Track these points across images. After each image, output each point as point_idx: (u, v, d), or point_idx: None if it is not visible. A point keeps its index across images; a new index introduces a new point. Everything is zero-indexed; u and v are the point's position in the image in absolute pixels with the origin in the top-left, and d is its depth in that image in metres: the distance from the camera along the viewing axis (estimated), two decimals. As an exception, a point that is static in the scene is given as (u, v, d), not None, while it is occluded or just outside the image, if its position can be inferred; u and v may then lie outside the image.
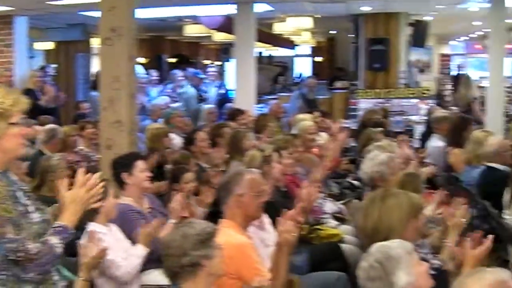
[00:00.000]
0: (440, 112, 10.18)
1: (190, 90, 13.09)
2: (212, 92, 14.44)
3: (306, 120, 9.20)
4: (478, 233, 3.86)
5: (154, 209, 5.61)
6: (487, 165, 7.03)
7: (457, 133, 8.56)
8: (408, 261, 3.11)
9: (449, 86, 25.18)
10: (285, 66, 24.56)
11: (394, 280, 3.06)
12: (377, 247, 3.20)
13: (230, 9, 12.37)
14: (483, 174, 7.05)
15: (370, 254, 3.18)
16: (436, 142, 9.20)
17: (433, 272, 3.92)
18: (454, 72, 24.69)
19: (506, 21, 17.17)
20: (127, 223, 5.01)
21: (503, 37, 12.10)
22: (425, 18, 16.55)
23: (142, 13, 11.87)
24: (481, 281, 2.58)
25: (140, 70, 13.07)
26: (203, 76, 15.35)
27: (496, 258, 6.31)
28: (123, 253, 4.67)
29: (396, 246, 3.18)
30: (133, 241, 4.85)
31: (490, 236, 3.92)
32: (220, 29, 15.40)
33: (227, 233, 4.18)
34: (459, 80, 21.09)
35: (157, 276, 4.76)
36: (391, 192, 4.20)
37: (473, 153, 7.57)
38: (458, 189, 7.89)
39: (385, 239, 3.60)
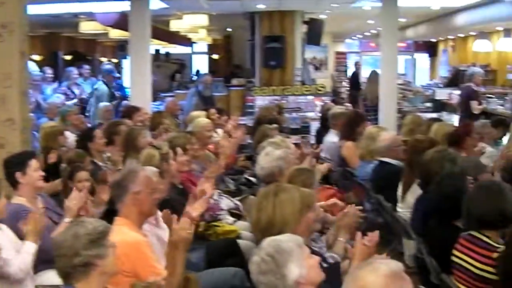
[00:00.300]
0: (337, 108, 10.35)
1: (102, 87, 12.85)
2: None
3: (202, 118, 9.19)
4: (372, 227, 3.95)
5: (48, 209, 5.50)
6: (380, 160, 7.18)
7: (351, 128, 8.72)
8: (299, 254, 3.15)
9: (344, 83, 25.74)
10: (182, 63, 24.43)
11: (285, 272, 3.09)
12: (268, 241, 3.23)
13: (125, 5, 12.24)
14: (377, 169, 7.20)
15: (261, 248, 3.20)
16: (332, 138, 9.35)
17: (326, 266, 4.00)
18: (351, 70, 25.17)
19: (399, 20, 17.66)
20: (20, 224, 4.89)
21: (394, 36, 12.38)
22: (320, 16, 16.77)
23: (35, 9, 11.61)
24: (376, 272, 2.61)
25: (33, 67, 12.75)
26: (117, 74, 15.16)
27: (390, 250, 6.50)
28: (15, 252, 4.55)
29: (287, 239, 3.22)
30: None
31: (377, 232, 4.02)
32: (116, 26, 15.20)
33: (122, 231, 4.13)
34: (357, 78, 21.65)
35: (52, 277, 4.66)
36: (283, 187, 4.27)
37: (367, 148, 7.74)
38: (353, 184, 8.08)
39: (279, 233, 3.65)
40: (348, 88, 23.15)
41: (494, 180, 5.15)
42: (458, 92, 14.22)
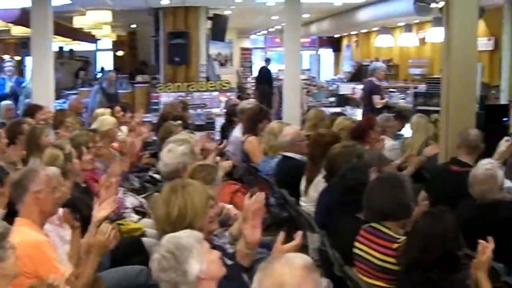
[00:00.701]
0: (245, 103, 10.39)
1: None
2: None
3: (106, 115, 9.08)
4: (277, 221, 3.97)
5: None
6: (283, 154, 7.24)
7: (254, 123, 8.75)
8: (199, 249, 3.15)
9: (250, 79, 25.85)
10: (86, 60, 24.12)
11: (186, 268, 3.08)
12: (167, 238, 3.21)
13: (27, 1, 11.96)
14: (280, 164, 7.25)
15: (161, 245, 3.19)
16: (238, 133, 9.38)
17: (230, 262, 4.01)
18: (257, 66, 25.31)
19: (302, 15, 17.85)
20: None
21: (297, 31, 12.51)
22: (225, 12, 16.81)
23: None
24: (291, 265, 2.62)
25: None
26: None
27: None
28: None
29: (186, 235, 3.21)
30: None
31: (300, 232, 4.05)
32: (17, 22, 14.85)
33: (23, 232, 4.04)
34: (268, 73, 21.77)
35: None
36: (188, 181, 4.27)
37: (270, 143, 7.79)
38: (257, 179, 8.12)
39: (190, 224, 3.73)
40: (254, 84, 23.27)
41: (393, 173, 5.27)
42: (361, 86, 14.49)
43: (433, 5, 9.97)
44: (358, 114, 13.03)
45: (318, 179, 6.24)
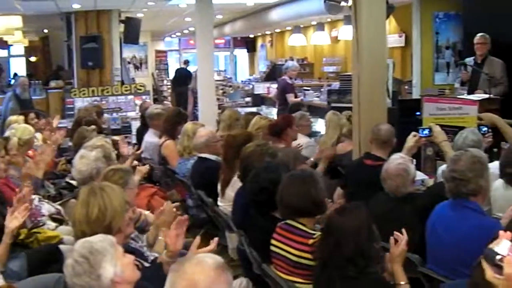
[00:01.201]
0: (153, 108, 10.33)
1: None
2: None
3: (19, 122, 8.93)
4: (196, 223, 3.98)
5: None
6: (199, 156, 7.26)
7: (172, 127, 8.74)
8: (113, 253, 3.13)
9: (166, 82, 25.73)
10: (-2, 67, 23.62)
11: (100, 272, 3.06)
12: (80, 243, 3.18)
13: None
14: (196, 165, 7.27)
15: (74, 250, 3.16)
16: (151, 137, 9.35)
17: (147, 264, 4.01)
18: (172, 68, 25.20)
19: (216, 16, 17.86)
20: None
21: (210, 32, 12.52)
22: (138, 15, 16.70)
23: None
24: (203, 266, 2.64)
25: None
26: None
27: (216, 245, 6.57)
28: None
29: (99, 240, 3.19)
30: None
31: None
32: None
33: None
34: (186, 75, 21.67)
35: None
36: (106, 184, 4.25)
37: (185, 145, 7.80)
38: (175, 182, 8.12)
39: (110, 224, 3.79)
40: (171, 86, 23.18)
41: (306, 169, 5.32)
42: (276, 85, 14.61)
43: (343, 3, 10.11)
44: (273, 113, 13.15)
45: (234, 179, 6.28)
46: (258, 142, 6.15)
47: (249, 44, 29.99)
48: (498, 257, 2.17)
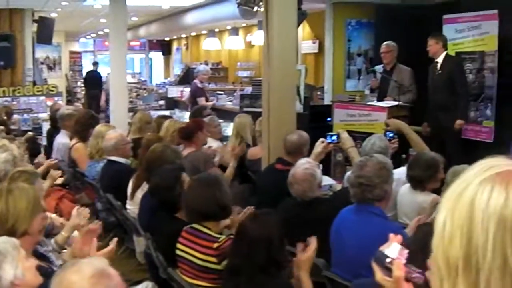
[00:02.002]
0: (65, 109, 10.18)
1: None
2: None
3: None
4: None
5: None
6: (108, 158, 7.20)
7: (83, 129, 8.62)
8: (15, 255, 3.08)
9: (80, 83, 25.39)
10: None
11: (1, 274, 3.02)
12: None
13: None
14: (105, 168, 7.20)
15: None
16: (63, 138, 9.21)
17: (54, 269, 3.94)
18: (86, 69, 24.89)
19: (132, 18, 17.70)
20: None
21: (123, 34, 12.41)
22: (51, 14, 16.44)
23: None
24: (80, 274, 2.59)
25: None
26: None
27: (125, 249, 6.54)
28: None
29: (2, 241, 3.14)
30: None
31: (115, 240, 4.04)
32: None
33: None
34: (97, 77, 21.44)
35: None
36: (17, 184, 4.17)
37: (95, 147, 7.71)
38: (84, 185, 8.02)
39: (13, 228, 3.69)
40: (84, 88, 22.92)
41: (211, 173, 5.34)
42: (189, 89, 14.61)
43: (256, 8, 10.17)
44: (186, 116, 13.11)
45: (144, 184, 6.25)
46: (162, 144, 6.14)
47: (165, 47, 29.89)
48: (388, 259, 2.22)
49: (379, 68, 10.26)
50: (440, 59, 9.40)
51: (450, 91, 9.21)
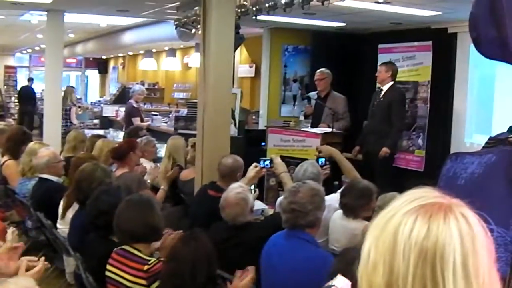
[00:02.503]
0: (-1, 124, 10.02)
1: None
2: None
3: None
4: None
5: None
6: (40, 176, 7.09)
7: (15, 145, 8.48)
8: None
9: (14, 98, 25.02)
10: None
11: None
12: None
13: None
14: (36, 186, 7.10)
15: None
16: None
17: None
18: (22, 84, 24.58)
19: (69, 35, 17.51)
20: None
21: (60, 51, 12.29)
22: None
23: None
24: None
25: None
26: None
27: (54, 269, 6.44)
28: None
29: None
30: None
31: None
32: None
33: None
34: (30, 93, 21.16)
35: None
36: None
37: (28, 164, 7.60)
38: (14, 202, 7.88)
39: None
40: (17, 103, 22.60)
41: (143, 195, 5.30)
42: (124, 109, 14.53)
43: (194, 30, 10.22)
44: (120, 136, 13.02)
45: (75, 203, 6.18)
46: (91, 164, 6.08)
47: (101, 65, 29.68)
48: None
49: (313, 94, 10.36)
50: (385, 88, 9.54)
51: (386, 120, 9.34)
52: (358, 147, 9.70)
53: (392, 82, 9.56)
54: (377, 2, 6.73)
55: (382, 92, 9.54)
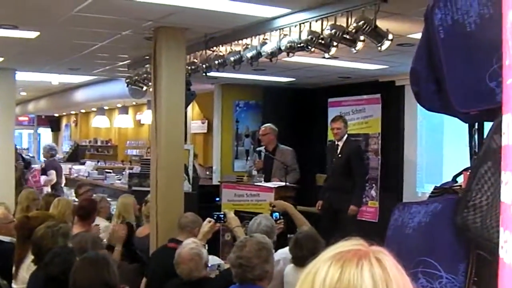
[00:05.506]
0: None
1: None
2: None
3: None
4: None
5: None
6: None
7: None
8: None
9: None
10: None
11: None
12: None
13: None
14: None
15: None
16: None
17: None
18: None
19: (21, 93, 17.43)
20: None
21: (12, 109, 12.22)
22: None
23: None
24: None
25: None
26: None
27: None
28: None
29: None
30: None
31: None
32: None
33: None
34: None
35: None
36: None
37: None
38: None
39: None
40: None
41: (99, 252, 5.27)
42: (78, 167, 14.48)
43: (145, 88, 10.29)
44: (74, 194, 12.92)
45: (28, 262, 6.10)
46: (49, 223, 6.01)
47: (54, 123, 29.49)
48: None
49: (262, 149, 10.42)
50: (341, 143, 9.69)
51: (346, 176, 9.48)
52: (321, 201, 9.80)
53: (346, 136, 9.71)
54: (324, 58, 6.87)
55: (339, 148, 9.67)
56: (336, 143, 9.80)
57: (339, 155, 9.64)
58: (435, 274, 2.62)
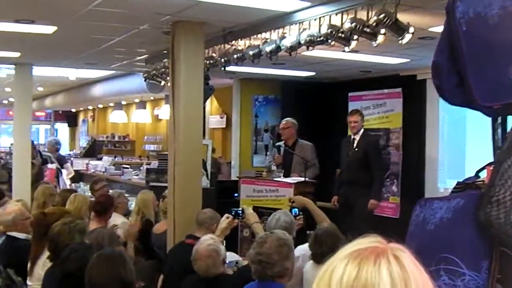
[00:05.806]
0: None
1: None
2: None
3: None
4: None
5: None
6: (8, 234, 6.95)
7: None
8: None
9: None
10: None
11: None
12: None
13: None
14: (4, 244, 6.95)
15: None
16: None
17: None
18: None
19: (38, 88, 17.47)
20: None
21: (28, 104, 12.24)
22: None
23: None
24: None
25: None
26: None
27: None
28: None
29: None
30: None
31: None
32: None
33: None
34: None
35: None
36: None
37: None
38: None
39: None
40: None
41: (115, 249, 5.22)
42: (95, 162, 14.46)
43: (163, 83, 10.25)
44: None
45: (44, 258, 6.06)
46: (65, 220, 5.97)
47: (71, 118, 29.59)
48: None
49: (281, 143, 10.34)
50: (357, 136, 9.60)
51: (364, 170, 9.42)
52: (336, 196, 9.72)
53: (363, 130, 9.63)
54: (344, 51, 6.79)
55: (356, 141, 9.59)
56: (352, 137, 9.73)
57: (356, 149, 9.57)
58: (458, 271, 2.57)
